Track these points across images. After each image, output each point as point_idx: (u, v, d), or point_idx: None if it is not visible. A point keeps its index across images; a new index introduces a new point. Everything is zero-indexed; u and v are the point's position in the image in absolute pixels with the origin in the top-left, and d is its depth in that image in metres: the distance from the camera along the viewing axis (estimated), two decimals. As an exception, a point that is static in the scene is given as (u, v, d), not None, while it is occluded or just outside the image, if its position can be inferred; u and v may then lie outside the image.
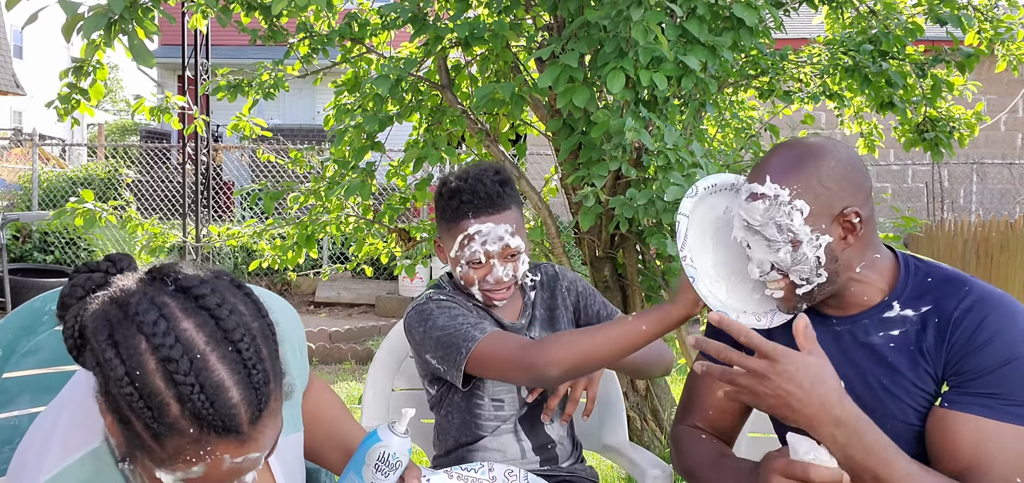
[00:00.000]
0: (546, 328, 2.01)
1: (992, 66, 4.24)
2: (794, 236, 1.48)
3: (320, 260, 9.31)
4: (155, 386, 1.00)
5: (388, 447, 1.34)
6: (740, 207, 1.53)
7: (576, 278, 2.10)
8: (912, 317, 1.50)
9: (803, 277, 1.50)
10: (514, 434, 1.97)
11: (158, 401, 1.00)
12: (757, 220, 1.50)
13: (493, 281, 1.87)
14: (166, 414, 1.00)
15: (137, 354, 1.00)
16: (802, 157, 1.50)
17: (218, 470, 1.03)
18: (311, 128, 14.40)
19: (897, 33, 3.57)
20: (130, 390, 1.00)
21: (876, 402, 1.51)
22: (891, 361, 1.50)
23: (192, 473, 1.03)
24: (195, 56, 7.68)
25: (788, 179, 1.48)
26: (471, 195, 1.87)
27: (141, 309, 1.02)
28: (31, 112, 21.72)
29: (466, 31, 3.03)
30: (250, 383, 1.03)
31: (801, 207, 1.47)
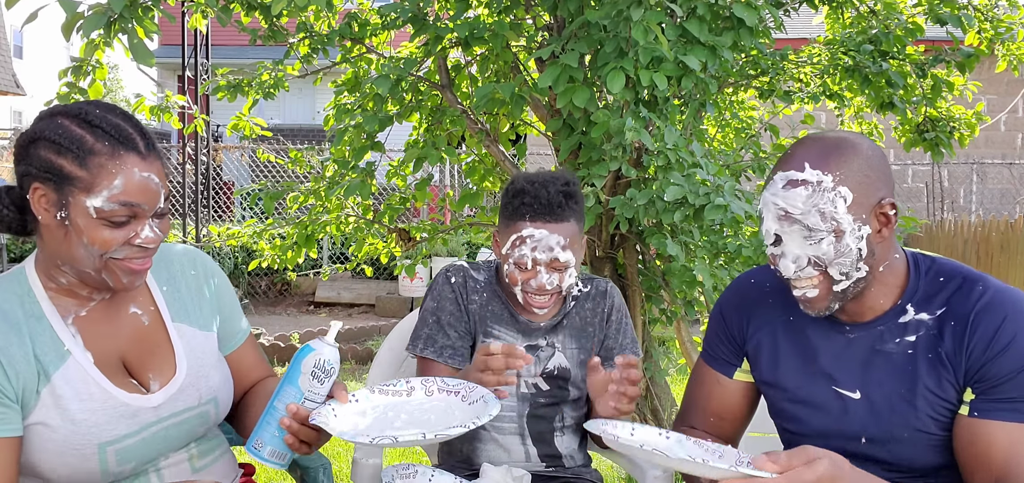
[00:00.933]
0: (573, 339, 1.99)
1: (992, 66, 4.24)
2: (838, 225, 1.40)
3: (320, 260, 9.30)
4: (73, 131, 1.39)
5: (321, 354, 1.43)
6: (776, 196, 1.44)
7: (623, 308, 2.05)
8: (928, 321, 1.46)
9: (843, 271, 1.43)
10: (519, 437, 1.97)
11: (78, 137, 1.38)
12: (798, 208, 1.41)
13: (536, 287, 1.85)
14: (84, 143, 1.38)
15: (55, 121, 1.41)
16: (840, 144, 1.44)
17: (132, 180, 1.38)
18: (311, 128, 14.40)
19: (897, 33, 3.57)
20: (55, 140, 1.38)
21: (895, 413, 1.47)
22: (910, 370, 1.46)
23: (114, 187, 1.37)
24: (195, 56, 7.68)
25: (830, 165, 1.41)
26: (533, 199, 1.86)
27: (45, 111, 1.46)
28: (31, 112, 21.71)
29: (466, 31, 3.03)
30: (141, 130, 1.43)
31: (845, 194, 1.40)
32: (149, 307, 1.58)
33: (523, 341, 1.97)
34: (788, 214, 1.43)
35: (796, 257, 1.44)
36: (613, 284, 2.07)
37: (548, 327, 1.98)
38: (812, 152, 1.43)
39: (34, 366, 1.42)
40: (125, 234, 1.40)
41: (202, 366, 1.59)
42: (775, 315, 1.61)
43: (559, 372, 1.96)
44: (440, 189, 8.88)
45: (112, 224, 1.39)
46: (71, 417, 1.43)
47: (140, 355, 1.54)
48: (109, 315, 1.52)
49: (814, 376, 1.55)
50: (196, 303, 1.63)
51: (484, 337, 1.97)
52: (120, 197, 1.38)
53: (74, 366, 1.45)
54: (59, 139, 1.38)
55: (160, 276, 1.61)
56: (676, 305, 3.29)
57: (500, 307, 1.98)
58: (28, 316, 1.45)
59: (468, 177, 3.96)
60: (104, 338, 1.50)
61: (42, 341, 1.44)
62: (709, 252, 3.00)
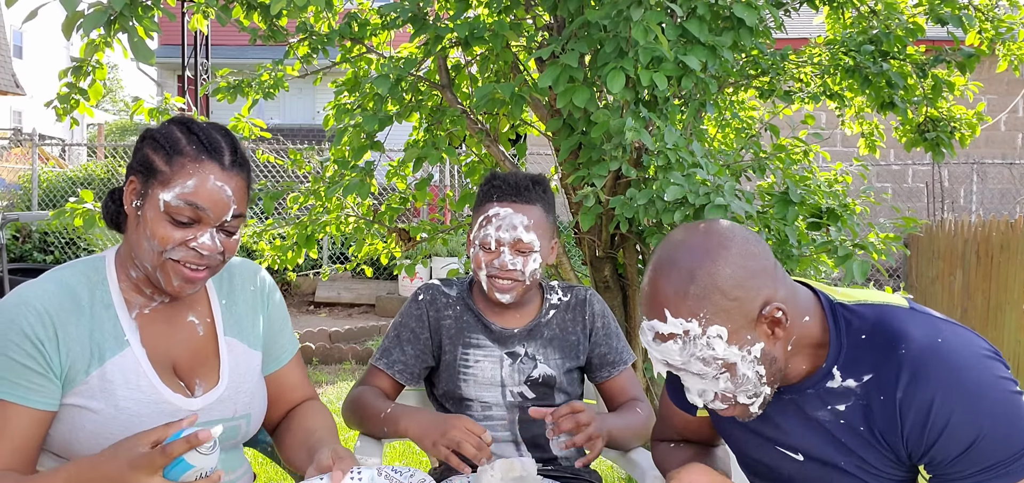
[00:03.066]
0: (556, 349, 2.00)
1: (993, 66, 4.24)
2: (725, 361, 1.29)
3: (320, 260, 9.30)
4: (173, 132, 1.50)
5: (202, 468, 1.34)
6: (650, 347, 1.34)
7: (606, 313, 2.06)
8: (856, 389, 1.34)
9: (751, 395, 1.33)
10: (513, 445, 1.97)
11: (174, 139, 1.48)
12: (677, 361, 1.32)
13: (498, 265, 1.88)
14: (177, 144, 1.47)
15: (165, 125, 1.52)
16: (694, 273, 1.28)
17: (205, 185, 1.46)
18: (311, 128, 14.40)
19: (898, 33, 3.57)
20: (157, 139, 1.49)
21: (839, 479, 1.39)
22: (844, 441, 1.37)
23: (188, 186, 1.45)
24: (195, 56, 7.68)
25: (690, 307, 1.28)
26: (501, 181, 1.94)
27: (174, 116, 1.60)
28: (31, 112, 21.71)
29: (466, 31, 3.02)
30: (235, 148, 1.52)
31: (719, 332, 1.28)
32: (206, 318, 1.63)
33: (499, 349, 1.97)
34: (670, 364, 1.34)
35: (701, 391, 1.36)
36: (593, 291, 2.08)
37: (523, 334, 1.98)
38: (669, 292, 1.29)
39: (89, 347, 1.47)
40: (184, 235, 1.46)
41: (243, 382, 1.64)
42: None
43: (544, 380, 1.97)
44: (440, 189, 8.87)
45: (175, 222, 1.45)
46: (115, 403, 1.48)
47: (190, 361, 1.59)
48: (169, 318, 1.58)
49: (757, 437, 1.49)
50: (250, 320, 1.69)
51: (464, 348, 1.97)
52: (188, 196, 1.45)
53: (129, 356, 1.50)
54: (159, 138, 1.49)
55: (221, 288, 1.68)
56: (676, 305, 3.28)
57: (473, 319, 2.00)
58: (95, 302, 1.51)
59: (468, 177, 3.96)
60: (160, 338, 1.56)
61: (105, 327, 1.50)
62: (709, 252, 2.99)
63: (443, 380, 2.00)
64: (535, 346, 1.98)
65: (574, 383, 2.03)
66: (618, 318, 3.24)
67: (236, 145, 1.52)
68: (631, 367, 2.05)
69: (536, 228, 1.90)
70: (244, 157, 1.53)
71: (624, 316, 3.40)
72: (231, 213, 1.49)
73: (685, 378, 1.36)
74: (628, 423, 1.94)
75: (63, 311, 1.47)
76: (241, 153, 1.52)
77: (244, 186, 1.52)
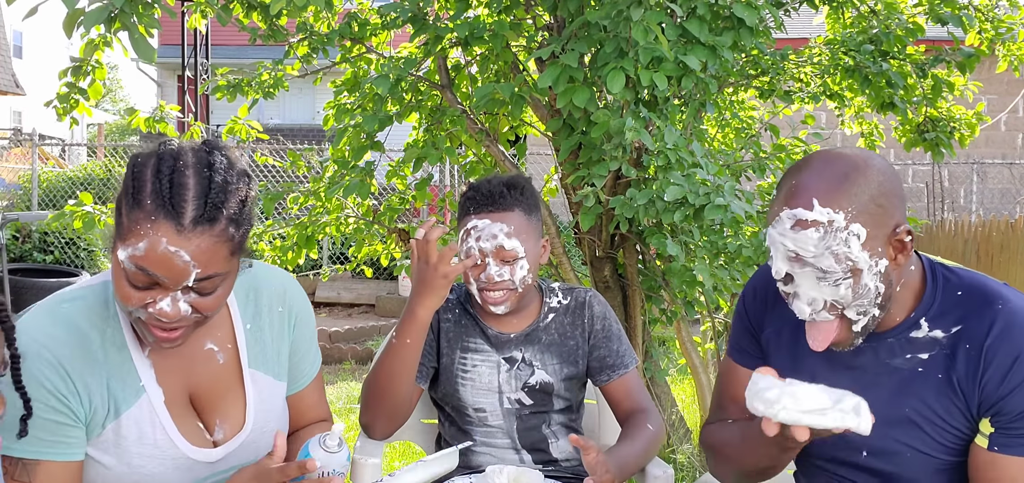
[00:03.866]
0: (554, 354, 1.98)
1: (992, 66, 4.24)
2: (853, 264, 1.31)
3: (320, 260, 9.30)
4: (144, 172, 1.30)
5: (325, 466, 1.38)
6: (784, 236, 1.34)
7: (606, 315, 2.02)
8: (941, 340, 1.38)
9: (861, 311, 1.34)
10: (514, 450, 1.97)
11: (141, 181, 1.29)
12: (810, 251, 1.31)
13: (485, 279, 1.86)
14: (141, 191, 1.29)
15: (146, 156, 1.33)
16: (849, 174, 1.32)
17: (155, 250, 1.27)
18: (311, 128, 14.40)
19: (898, 33, 3.56)
20: (130, 174, 1.31)
21: (898, 429, 1.41)
22: (918, 389, 1.39)
23: (138, 249, 1.27)
24: (195, 56, 7.68)
25: (840, 199, 1.31)
26: (475, 192, 1.90)
27: (169, 140, 1.36)
28: (31, 112, 21.71)
29: (466, 31, 3.02)
30: (206, 197, 1.28)
31: (858, 231, 1.30)
32: (227, 344, 1.50)
33: (497, 354, 1.96)
34: (799, 257, 1.33)
35: (811, 300, 1.35)
36: (594, 293, 2.04)
37: (520, 339, 1.96)
38: (820, 185, 1.32)
39: (106, 399, 1.37)
40: (142, 298, 1.31)
41: (268, 420, 1.53)
42: (790, 314, 1.53)
43: (541, 387, 1.96)
44: (440, 189, 8.87)
45: (132, 284, 1.31)
46: (128, 460, 1.38)
47: (209, 396, 1.47)
48: (184, 348, 1.43)
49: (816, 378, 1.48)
50: (275, 348, 1.55)
51: (462, 352, 1.97)
52: (138, 259, 1.28)
53: (145, 406, 1.40)
54: (132, 176, 1.32)
55: (246, 311, 1.53)
56: (676, 305, 3.29)
57: (471, 323, 1.98)
58: (108, 344, 1.39)
59: (468, 177, 3.96)
60: (176, 373, 1.44)
61: (119, 374, 1.39)
62: (709, 252, 3.00)
63: (442, 383, 2.00)
64: (532, 351, 1.96)
65: (573, 390, 2.01)
66: (618, 318, 3.23)
67: (209, 196, 1.29)
68: (635, 370, 2.01)
69: (518, 234, 1.86)
70: (217, 207, 1.29)
71: (624, 316, 3.40)
72: (193, 278, 1.29)
73: (803, 280, 1.34)
74: (643, 449, 1.87)
75: (77, 361, 1.36)
76: (215, 204, 1.29)
77: (215, 243, 1.29)
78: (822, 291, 1.34)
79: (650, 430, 1.90)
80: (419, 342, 1.81)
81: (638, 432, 1.89)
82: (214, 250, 1.30)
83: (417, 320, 1.79)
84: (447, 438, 2.03)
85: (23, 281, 7.63)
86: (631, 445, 1.85)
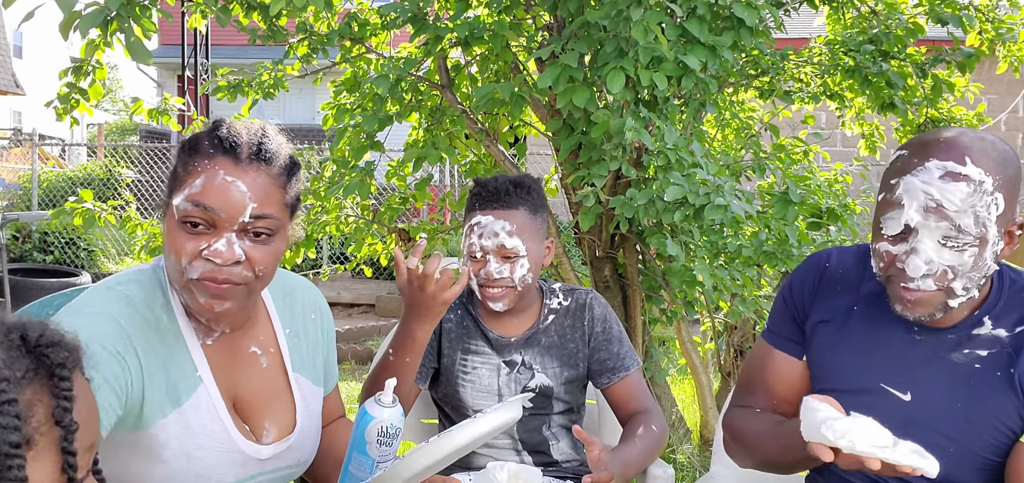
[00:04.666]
0: (554, 357, 1.97)
1: (993, 66, 4.23)
2: (985, 233, 1.27)
3: (320, 260, 9.30)
4: (200, 134, 1.34)
5: (382, 421, 1.39)
6: (930, 185, 1.27)
7: (607, 317, 2.00)
8: (1004, 339, 1.36)
9: (967, 286, 1.30)
10: (515, 452, 1.97)
11: (198, 138, 1.33)
12: (956, 204, 1.26)
13: (484, 275, 1.86)
14: (199, 144, 1.32)
15: (200, 131, 1.36)
16: (996, 144, 1.29)
17: (213, 182, 1.28)
18: (311, 128, 14.39)
19: (898, 33, 3.56)
20: (188, 139, 1.34)
21: (946, 424, 1.38)
22: (973, 385, 1.37)
23: (196, 186, 1.28)
24: (195, 56, 7.68)
25: (991, 166, 1.27)
26: (481, 188, 1.91)
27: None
28: (31, 112, 21.71)
29: (466, 31, 3.02)
30: (260, 142, 1.33)
31: (999, 201, 1.27)
32: (270, 348, 1.47)
33: (497, 357, 1.96)
34: (940, 208, 1.26)
35: (929, 260, 1.29)
36: (595, 294, 2.03)
37: (520, 342, 1.96)
38: (974, 146, 1.28)
39: (164, 385, 1.32)
40: (197, 244, 1.28)
41: (312, 425, 1.51)
42: (841, 302, 1.52)
43: (541, 390, 1.95)
44: (440, 189, 8.87)
45: (188, 229, 1.28)
46: (188, 452, 1.33)
47: (254, 401, 1.43)
48: (230, 349, 1.42)
49: (865, 368, 1.47)
50: (312, 354, 1.54)
51: (463, 354, 1.97)
52: (196, 195, 1.27)
53: (204, 396, 1.36)
54: (186, 141, 1.35)
55: (284, 316, 1.51)
56: (676, 305, 3.29)
57: (473, 324, 1.98)
58: (165, 331, 1.35)
59: (468, 177, 3.96)
60: (226, 374, 1.40)
61: (178, 362, 1.35)
62: (709, 252, 3.00)
63: (442, 384, 1.99)
64: (532, 354, 1.96)
65: (574, 393, 2.00)
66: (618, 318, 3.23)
67: (263, 141, 1.33)
68: (637, 372, 1.99)
69: (520, 232, 1.86)
70: (273, 152, 1.32)
71: (624, 316, 3.39)
72: (249, 213, 1.28)
73: (928, 237, 1.28)
74: (646, 451, 1.86)
75: (142, 336, 1.30)
76: (270, 148, 1.32)
77: (271, 183, 1.31)
78: (943, 255, 1.29)
79: (654, 431, 1.88)
80: (417, 360, 1.79)
81: (641, 433, 1.88)
82: (270, 188, 1.31)
83: (416, 342, 1.74)
84: (445, 424, 2.03)
85: (23, 281, 7.63)
86: (634, 446, 1.84)
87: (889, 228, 1.32)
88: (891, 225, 1.32)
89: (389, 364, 1.79)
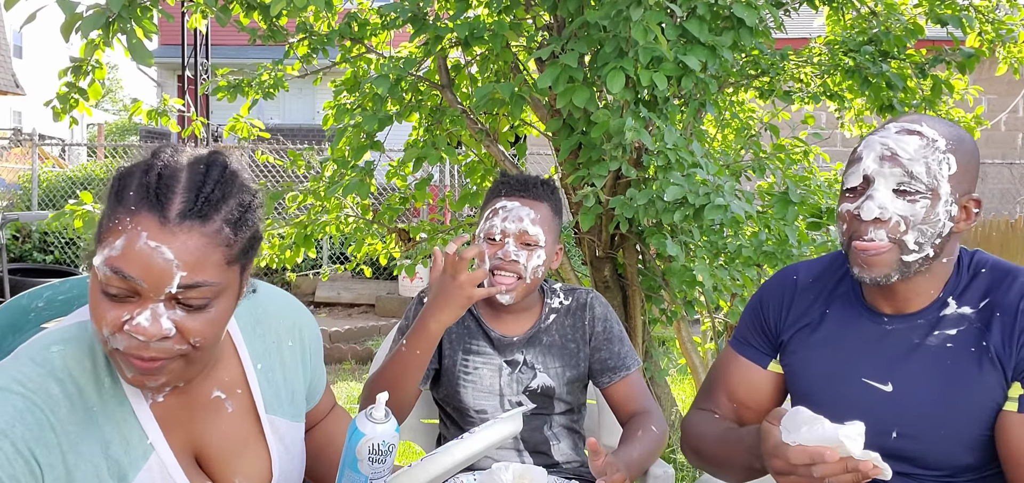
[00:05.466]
0: (555, 357, 1.97)
1: (993, 67, 4.23)
2: (937, 187, 1.38)
3: (320, 260, 9.30)
4: (133, 171, 1.13)
5: (374, 437, 1.32)
6: (887, 138, 1.41)
7: (607, 317, 2.01)
8: (971, 315, 1.44)
9: (920, 241, 1.40)
10: (516, 452, 1.97)
11: (128, 178, 1.12)
12: (908, 153, 1.39)
13: (501, 256, 1.87)
14: (126, 187, 1.11)
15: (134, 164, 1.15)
16: (956, 127, 1.43)
17: (133, 246, 1.07)
18: (311, 128, 14.39)
19: (898, 33, 3.56)
20: (116, 178, 1.14)
21: (930, 408, 1.43)
22: (949, 365, 1.42)
23: (115, 247, 1.08)
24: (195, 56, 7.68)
25: (945, 133, 1.41)
26: (511, 178, 1.96)
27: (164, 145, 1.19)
28: (31, 112, 21.71)
29: (466, 31, 3.02)
30: (199, 191, 1.11)
31: (952, 163, 1.39)
32: (237, 390, 1.30)
33: (499, 357, 1.96)
34: (894, 156, 1.39)
35: (883, 206, 1.40)
36: (596, 294, 2.05)
37: (522, 342, 1.96)
38: (929, 118, 1.43)
39: (104, 465, 1.14)
40: (118, 314, 1.09)
41: (293, 468, 1.37)
42: (814, 309, 1.59)
43: (543, 391, 1.96)
44: (440, 189, 8.87)
45: (108, 296, 1.09)
46: None
47: (223, 452, 1.27)
48: (187, 399, 1.24)
49: (844, 366, 1.52)
50: (290, 388, 1.38)
51: (464, 354, 1.97)
52: (114, 261, 1.07)
53: (157, 465, 1.19)
54: (121, 176, 1.13)
55: (254, 348, 1.34)
56: (676, 305, 3.29)
57: (475, 324, 1.99)
58: (107, 397, 1.16)
59: (468, 177, 3.96)
60: (180, 427, 1.23)
61: (122, 433, 1.17)
62: (709, 252, 3.00)
63: (444, 384, 1.99)
64: (534, 354, 1.96)
65: (575, 393, 2.00)
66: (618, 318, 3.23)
67: (202, 187, 1.11)
68: (638, 372, 1.99)
69: (542, 223, 1.89)
70: (214, 201, 1.11)
71: (624, 316, 3.40)
72: (176, 283, 1.07)
73: (883, 185, 1.40)
74: (647, 451, 1.86)
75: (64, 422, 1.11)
76: (210, 197, 1.11)
77: (206, 244, 1.09)
78: (896, 204, 1.39)
79: (654, 432, 1.88)
80: (428, 354, 1.80)
81: (641, 434, 1.88)
82: (204, 251, 1.09)
83: (429, 333, 1.76)
84: (448, 438, 2.02)
85: (23, 281, 7.63)
86: (634, 447, 1.84)
87: (849, 182, 1.44)
88: (851, 179, 1.44)
89: (400, 354, 1.80)
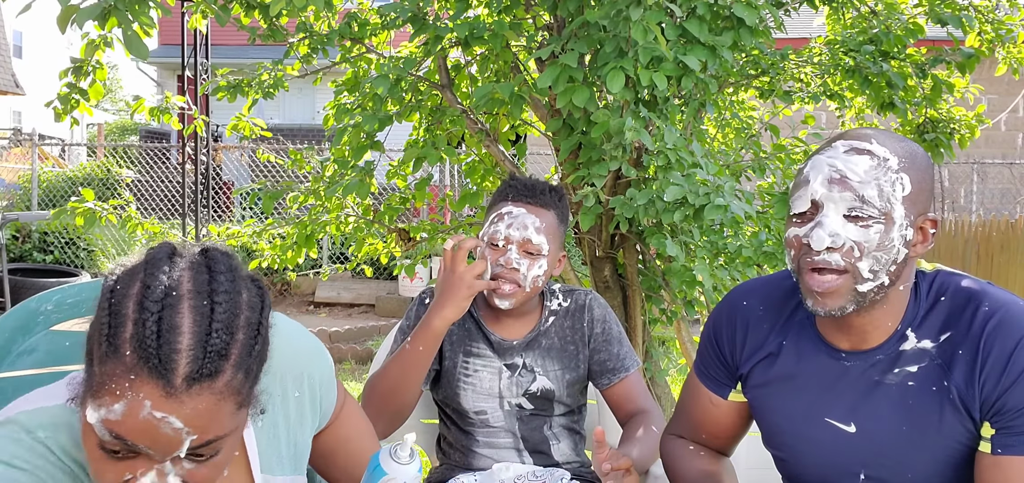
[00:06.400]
0: (555, 359, 1.97)
1: (993, 67, 4.23)
2: (891, 210, 1.27)
3: (320, 260, 9.30)
4: (124, 306, 0.99)
5: (396, 479, 1.25)
6: (834, 158, 1.30)
7: (606, 318, 2.00)
8: (931, 350, 1.33)
9: (874, 269, 1.28)
10: (515, 451, 1.97)
11: (120, 318, 0.99)
12: (858, 175, 1.27)
13: (503, 263, 1.86)
14: (120, 333, 0.98)
15: (130, 278, 1.02)
16: (908, 142, 1.32)
17: (136, 415, 0.96)
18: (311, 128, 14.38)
19: (898, 33, 3.56)
20: (106, 306, 1.00)
21: (896, 449, 1.36)
22: (913, 406, 1.34)
23: (113, 411, 0.97)
24: (195, 56, 7.68)
25: (896, 149, 1.29)
26: (517, 182, 1.94)
27: (159, 253, 1.04)
28: (31, 112, 21.70)
29: (466, 31, 3.02)
30: (205, 343, 0.99)
31: (905, 182, 1.28)
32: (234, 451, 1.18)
33: (499, 360, 1.96)
34: (844, 179, 1.28)
35: (835, 233, 1.28)
36: (595, 295, 2.04)
37: (522, 345, 1.96)
38: (879, 134, 1.32)
39: None
40: (120, 473, 1.01)
41: None
42: (771, 340, 1.49)
43: (542, 393, 1.96)
44: (440, 189, 8.87)
45: (106, 452, 1.01)
46: None
47: None
48: None
49: (807, 406, 1.45)
50: (292, 440, 1.30)
51: (465, 356, 1.97)
52: (113, 425, 0.98)
53: None
54: (111, 306, 1.00)
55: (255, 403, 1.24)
56: (676, 305, 3.29)
57: (475, 326, 1.98)
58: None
59: (468, 177, 3.96)
60: None
61: None
62: (709, 252, 3.00)
63: (443, 386, 1.99)
64: (534, 357, 1.96)
65: (575, 394, 2.00)
66: (618, 318, 3.24)
67: (209, 338, 0.99)
68: (637, 372, 1.99)
69: (547, 232, 1.87)
70: (224, 351, 1.00)
71: (624, 316, 3.40)
72: (186, 447, 1.00)
73: (833, 210, 1.29)
74: (648, 449, 1.86)
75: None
76: (220, 349, 0.99)
77: (218, 401, 1.00)
78: (848, 229, 1.28)
79: (654, 432, 1.88)
80: (431, 351, 1.81)
81: (641, 434, 1.87)
82: (215, 411, 1.00)
83: (432, 330, 1.78)
84: (448, 439, 2.03)
85: (23, 281, 7.63)
86: (634, 448, 1.84)
87: (797, 207, 1.33)
88: (798, 203, 1.32)
89: (403, 352, 1.81)
